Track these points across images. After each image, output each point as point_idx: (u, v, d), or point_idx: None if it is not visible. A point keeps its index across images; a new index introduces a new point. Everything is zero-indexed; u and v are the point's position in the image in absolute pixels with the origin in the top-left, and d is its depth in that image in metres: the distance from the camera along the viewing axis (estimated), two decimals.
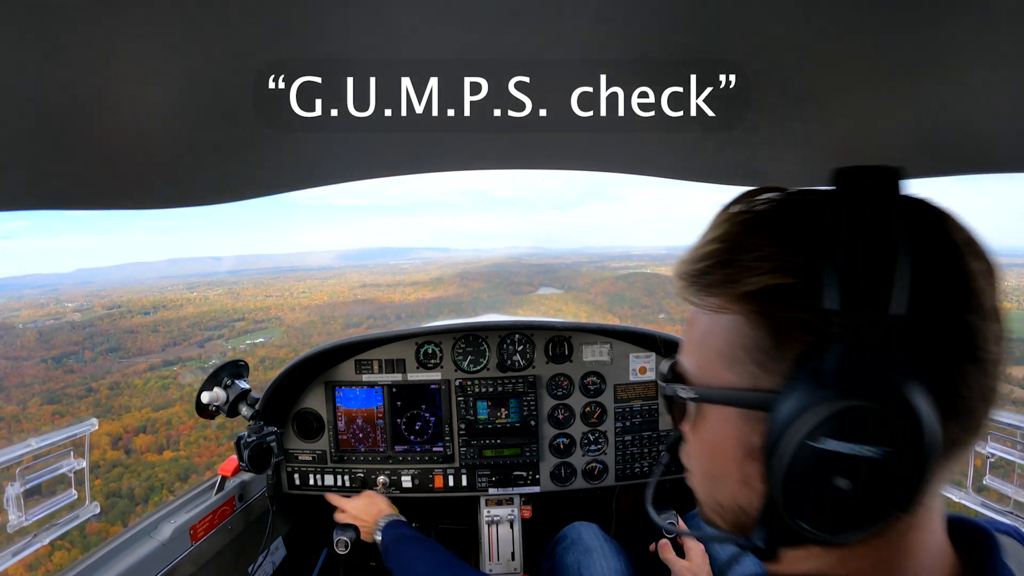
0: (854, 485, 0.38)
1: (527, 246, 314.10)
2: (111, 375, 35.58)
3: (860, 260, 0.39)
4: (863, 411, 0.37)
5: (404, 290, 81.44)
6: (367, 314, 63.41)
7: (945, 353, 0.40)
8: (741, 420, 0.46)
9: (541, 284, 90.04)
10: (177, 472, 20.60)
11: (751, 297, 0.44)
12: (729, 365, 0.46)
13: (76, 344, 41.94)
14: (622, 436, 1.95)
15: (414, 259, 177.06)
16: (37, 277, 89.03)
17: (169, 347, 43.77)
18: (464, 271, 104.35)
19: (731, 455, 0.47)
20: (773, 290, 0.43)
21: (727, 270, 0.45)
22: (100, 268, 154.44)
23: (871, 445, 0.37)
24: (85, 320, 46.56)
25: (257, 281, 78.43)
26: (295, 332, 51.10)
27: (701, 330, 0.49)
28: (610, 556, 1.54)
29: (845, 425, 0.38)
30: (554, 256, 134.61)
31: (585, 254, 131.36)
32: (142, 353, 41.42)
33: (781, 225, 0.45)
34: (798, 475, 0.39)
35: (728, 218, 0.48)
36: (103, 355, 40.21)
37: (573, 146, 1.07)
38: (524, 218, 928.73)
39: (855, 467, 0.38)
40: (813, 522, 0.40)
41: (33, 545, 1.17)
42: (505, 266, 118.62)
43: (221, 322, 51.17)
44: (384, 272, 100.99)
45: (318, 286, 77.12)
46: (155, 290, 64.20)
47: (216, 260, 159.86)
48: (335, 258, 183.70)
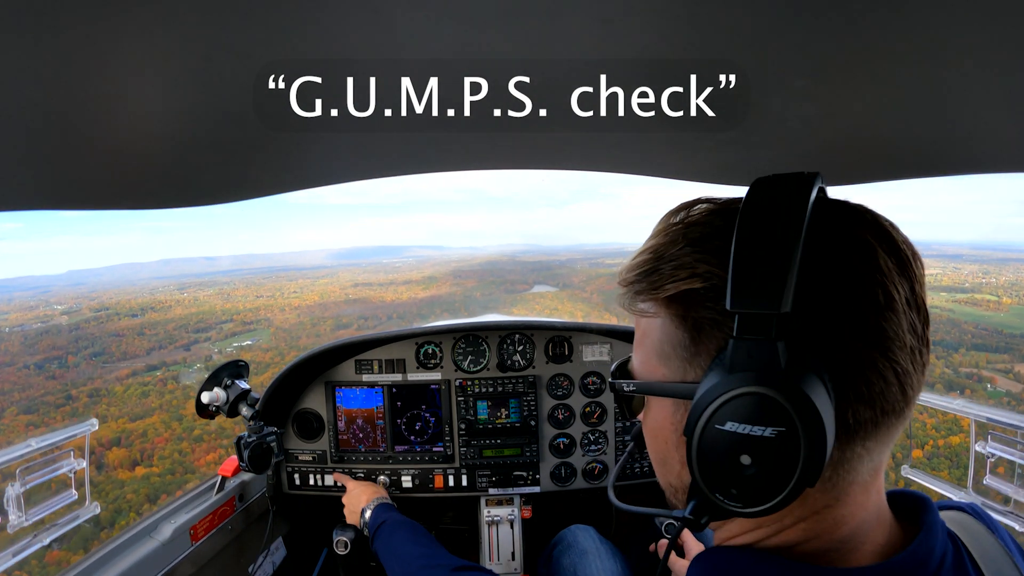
0: (754, 461, 0.43)
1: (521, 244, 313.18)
2: (93, 381, 34.87)
3: (753, 263, 0.44)
4: (755, 396, 0.43)
5: (397, 289, 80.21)
6: (358, 314, 61.77)
7: (844, 343, 0.45)
8: (674, 408, 0.53)
9: (536, 282, 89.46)
10: (147, 492, 19.49)
11: (672, 301, 0.51)
12: (663, 361, 0.53)
13: (60, 349, 41.15)
14: (622, 436, 1.95)
15: (408, 258, 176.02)
16: (29, 279, 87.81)
17: (154, 351, 42.91)
18: (457, 269, 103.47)
19: (669, 439, 0.55)
20: (688, 294, 0.49)
21: (652, 278, 0.52)
22: (92, 269, 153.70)
23: (764, 426, 0.42)
24: (71, 323, 45.90)
25: (249, 281, 76.99)
26: (283, 334, 50.20)
27: (641, 331, 0.57)
28: (606, 558, 1.55)
29: (742, 409, 0.43)
30: (548, 253, 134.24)
31: (579, 251, 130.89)
32: (127, 357, 40.51)
33: (700, 235, 0.50)
34: (709, 453, 0.45)
35: (661, 230, 0.54)
36: (86, 360, 39.40)
37: (573, 146, 1.07)
38: (518, 216, 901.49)
39: (754, 446, 0.43)
40: (728, 495, 0.45)
41: (33, 545, 1.17)
42: (499, 264, 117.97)
43: (209, 324, 50.33)
44: (377, 271, 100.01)
45: (309, 286, 75.70)
46: (146, 291, 62.92)
47: (210, 260, 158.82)
48: (328, 257, 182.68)
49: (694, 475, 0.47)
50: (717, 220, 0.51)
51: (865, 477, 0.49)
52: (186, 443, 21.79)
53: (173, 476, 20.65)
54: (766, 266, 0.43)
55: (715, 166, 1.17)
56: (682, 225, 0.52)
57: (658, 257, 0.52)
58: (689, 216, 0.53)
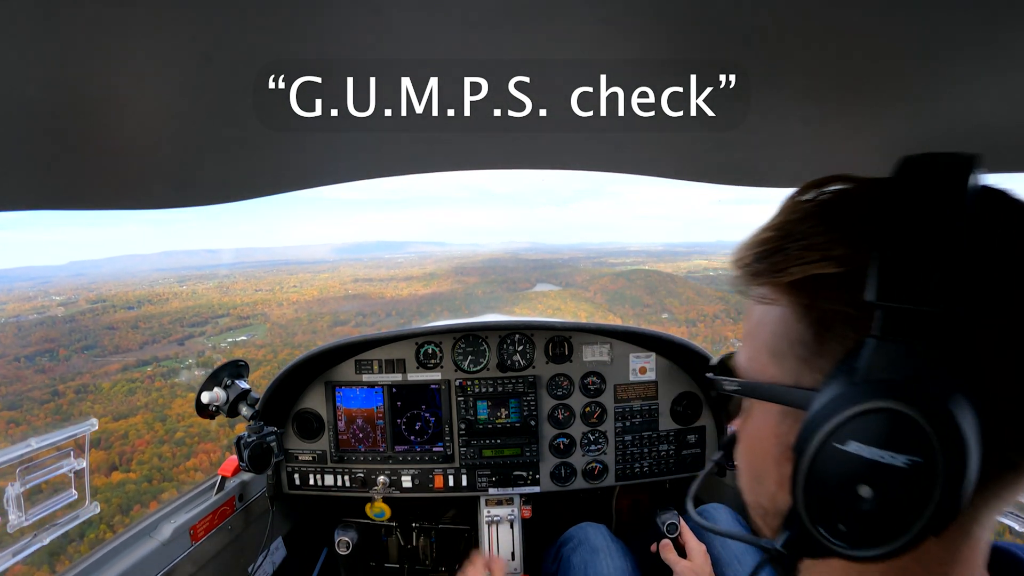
0: (876, 495, 0.35)
1: (524, 241, 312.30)
2: (82, 376, 33.41)
3: (905, 251, 0.36)
4: (893, 415, 0.34)
5: (397, 285, 78.72)
6: (356, 311, 59.90)
7: (1005, 361, 0.36)
8: (781, 417, 0.44)
9: (538, 280, 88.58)
10: (120, 503, 18.19)
11: (796, 287, 0.42)
12: (775, 359, 0.44)
13: (53, 341, 39.56)
14: (622, 436, 1.95)
15: (410, 253, 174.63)
16: (30, 269, 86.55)
17: (148, 345, 41.24)
18: (459, 266, 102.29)
19: (771, 453, 0.45)
20: (816, 280, 0.40)
21: (775, 258, 0.43)
22: (93, 260, 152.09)
23: (897, 452, 0.34)
24: (67, 315, 44.40)
25: (249, 275, 75.36)
26: (279, 330, 48.91)
27: (753, 322, 0.47)
28: (616, 556, 1.55)
29: (873, 428, 0.35)
30: (551, 252, 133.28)
31: (582, 250, 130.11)
32: (119, 351, 39.04)
33: (835, 214, 0.42)
34: (820, 477, 0.37)
35: (789, 206, 0.46)
36: (78, 353, 37.83)
37: (573, 146, 1.07)
38: (521, 214, 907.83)
39: (879, 475, 0.34)
40: (833, 531, 0.37)
41: (33, 545, 1.17)
42: (501, 261, 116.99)
43: (204, 318, 48.54)
44: (378, 266, 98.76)
45: (309, 280, 74.00)
46: (145, 283, 61.19)
47: (212, 253, 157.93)
48: (330, 251, 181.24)
49: (796, 501, 0.39)
50: (858, 199, 0.43)
51: (985, 534, 0.41)
52: (167, 447, 21.06)
53: (150, 484, 19.74)
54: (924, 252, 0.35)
55: (715, 166, 1.17)
56: (815, 203, 0.44)
57: (784, 235, 0.43)
58: (823, 194, 0.44)
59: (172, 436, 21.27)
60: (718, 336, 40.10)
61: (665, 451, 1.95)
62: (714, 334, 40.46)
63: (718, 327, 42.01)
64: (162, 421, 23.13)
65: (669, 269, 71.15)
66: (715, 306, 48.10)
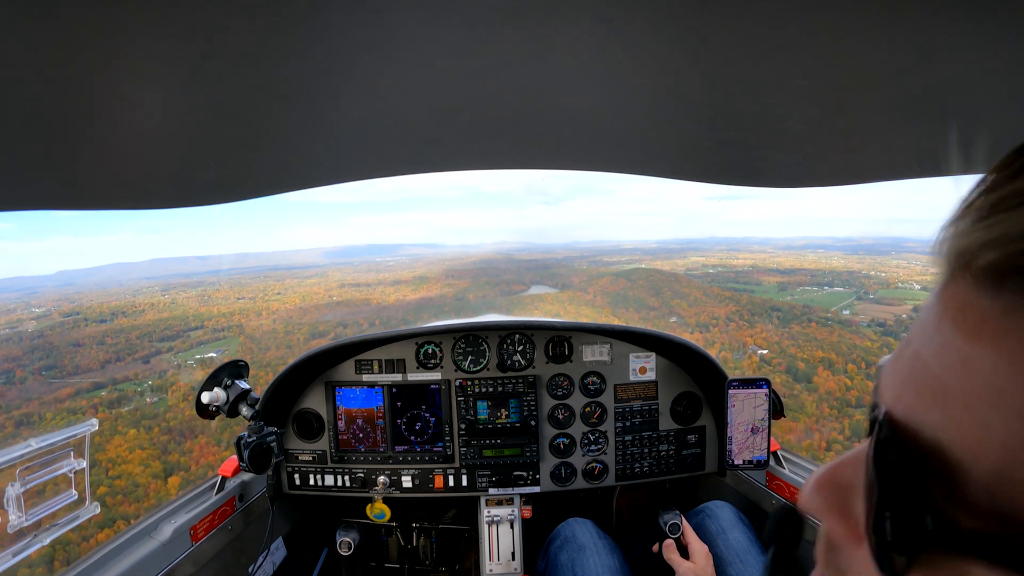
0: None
1: (516, 241, 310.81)
2: (29, 403, 30.33)
3: None
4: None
5: (384, 290, 75.52)
6: (338, 320, 56.69)
7: None
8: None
9: (533, 282, 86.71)
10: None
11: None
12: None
13: (14, 361, 36.77)
14: (622, 436, 1.95)
15: (401, 256, 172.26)
16: (19, 280, 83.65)
17: (109, 363, 37.92)
18: (451, 268, 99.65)
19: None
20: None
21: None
22: (82, 269, 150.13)
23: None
24: (36, 330, 41.88)
25: (234, 282, 71.73)
26: (252, 344, 45.52)
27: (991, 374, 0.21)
28: (603, 553, 1.54)
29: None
30: (544, 251, 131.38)
31: (576, 248, 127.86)
32: (77, 372, 35.93)
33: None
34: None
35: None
36: (35, 375, 34.85)
37: (573, 146, 1.07)
38: (513, 213, 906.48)
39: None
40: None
41: (33, 545, 1.17)
42: (494, 262, 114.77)
43: (177, 332, 45.61)
44: (368, 270, 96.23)
45: (295, 287, 71.25)
46: (129, 293, 57.82)
47: (202, 260, 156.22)
48: (321, 255, 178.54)
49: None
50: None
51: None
52: (104, 489, 18.01)
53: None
54: None
55: (715, 166, 1.17)
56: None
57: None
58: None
59: (93, 492, 19.39)
60: (736, 342, 35.75)
61: (665, 451, 1.95)
62: (731, 340, 36.50)
63: (733, 331, 39.08)
64: (95, 465, 21.42)
65: (668, 267, 70.30)
66: (726, 307, 46.06)
